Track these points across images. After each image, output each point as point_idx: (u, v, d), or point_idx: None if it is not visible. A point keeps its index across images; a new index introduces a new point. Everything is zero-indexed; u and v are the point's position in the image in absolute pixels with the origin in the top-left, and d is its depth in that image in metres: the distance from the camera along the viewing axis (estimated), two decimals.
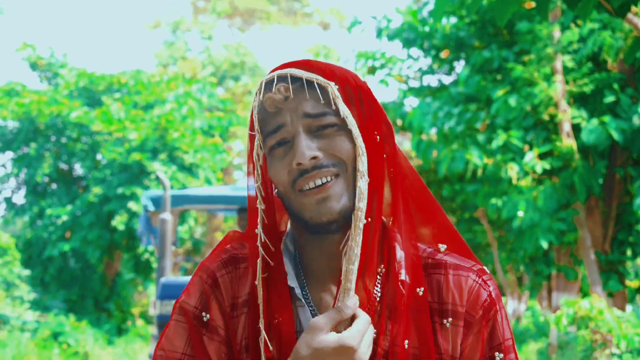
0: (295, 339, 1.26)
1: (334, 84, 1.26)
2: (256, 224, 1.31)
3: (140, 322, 16.73)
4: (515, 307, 20.03)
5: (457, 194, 13.70)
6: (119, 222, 14.88)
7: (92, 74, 17.17)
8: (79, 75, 17.11)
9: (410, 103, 13.85)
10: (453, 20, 12.43)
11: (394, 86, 14.67)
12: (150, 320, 16.67)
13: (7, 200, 16.73)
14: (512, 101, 10.53)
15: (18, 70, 73.81)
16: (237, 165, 27.48)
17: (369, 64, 13.15)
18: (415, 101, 13.87)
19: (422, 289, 1.28)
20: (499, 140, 10.56)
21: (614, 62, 10.62)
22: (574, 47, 10.92)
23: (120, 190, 14.98)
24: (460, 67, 13.00)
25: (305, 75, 1.26)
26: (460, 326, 1.28)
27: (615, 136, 9.90)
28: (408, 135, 18.99)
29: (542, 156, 10.78)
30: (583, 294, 14.52)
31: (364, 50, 13.19)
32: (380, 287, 1.28)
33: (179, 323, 1.32)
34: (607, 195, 11.20)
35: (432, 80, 13.83)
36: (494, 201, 10.85)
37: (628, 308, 12.66)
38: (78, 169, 16.95)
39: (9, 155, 16.68)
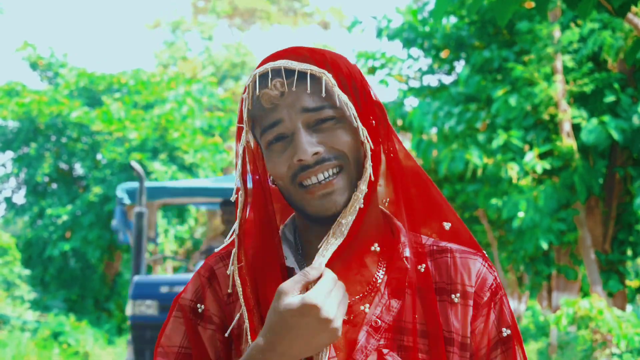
0: None
1: (328, 73, 1.26)
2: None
3: None
4: (516, 307, 20.03)
5: (458, 194, 13.70)
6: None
7: (92, 74, 17.17)
8: (79, 75, 17.11)
9: (410, 103, 13.86)
10: (453, 20, 12.43)
11: (394, 86, 14.68)
12: None
13: (8, 200, 16.73)
14: (512, 101, 10.53)
15: (18, 70, 73.83)
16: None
17: (369, 64, 13.15)
18: (415, 101, 13.86)
19: (423, 265, 1.29)
20: (499, 140, 10.56)
21: (614, 62, 10.62)
22: (574, 47, 10.91)
23: None
24: (461, 67, 13.00)
25: (300, 67, 1.25)
26: (469, 305, 1.29)
27: (616, 136, 9.90)
28: (408, 135, 18.99)
29: (542, 156, 10.78)
30: (583, 293, 14.52)
31: (364, 50, 13.19)
32: (384, 266, 1.29)
33: (177, 319, 1.35)
34: (607, 195, 11.19)
35: (432, 80, 13.84)
36: (494, 201, 10.85)
37: (628, 308, 12.65)
38: (78, 169, 16.95)
39: (9, 155, 16.68)
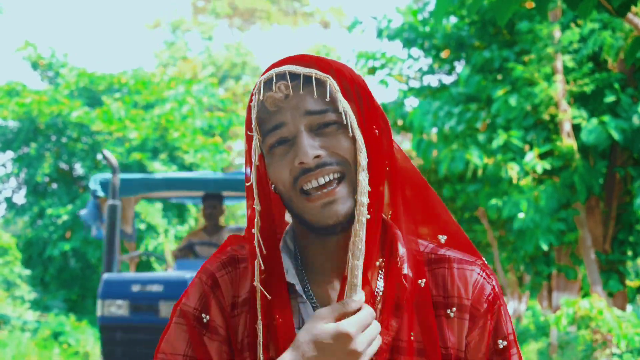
0: (294, 337, 1.26)
1: (332, 79, 1.26)
2: (253, 224, 1.31)
3: None
4: (516, 307, 20.03)
5: (458, 194, 13.69)
6: None
7: (92, 74, 17.18)
8: (80, 75, 17.11)
9: (410, 103, 13.85)
10: (454, 20, 12.43)
11: (394, 86, 14.68)
12: None
13: (8, 200, 16.73)
14: (513, 101, 10.53)
15: (19, 70, 73.83)
16: (238, 165, 27.49)
17: (369, 64, 13.15)
18: (415, 101, 13.86)
19: (423, 280, 1.29)
20: (500, 140, 10.56)
21: (615, 62, 10.61)
22: (574, 47, 10.91)
23: None
24: (461, 67, 13.00)
25: (304, 71, 1.25)
26: (465, 319, 1.29)
27: (616, 136, 9.90)
28: (408, 136, 19.00)
29: (543, 156, 10.78)
30: (583, 293, 14.52)
31: (365, 50, 13.19)
32: (382, 281, 1.28)
33: (179, 325, 1.32)
34: (608, 195, 11.19)
35: (432, 80, 13.83)
36: (494, 201, 10.85)
37: (628, 308, 12.66)
38: (78, 169, 16.95)
39: (9, 155, 16.68)
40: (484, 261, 1.34)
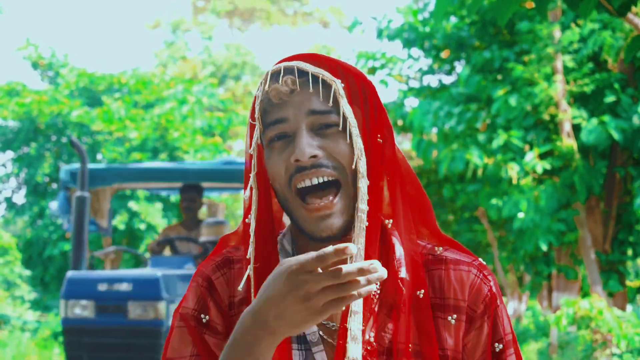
0: (290, 339, 1.26)
1: (340, 82, 1.25)
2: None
3: None
4: (516, 307, 20.02)
5: (458, 194, 13.69)
6: (119, 221, 14.88)
7: (92, 74, 17.18)
8: (80, 75, 17.12)
9: (410, 103, 13.85)
10: (453, 20, 12.43)
11: (394, 86, 14.69)
12: None
13: (8, 200, 16.73)
14: (513, 101, 10.53)
15: (19, 70, 73.87)
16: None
17: (369, 64, 13.14)
18: (415, 101, 13.85)
19: (422, 291, 1.28)
20: (500, 140, 10.56)
21: (615, 62, 10.62)
22: (574, 47, 10.91)
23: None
24: (461, 67, 13.00)
25: (313, 70, 1.25)
26: (462, 321, 1.28)
27: (616, 136, 9.90)
28: (408, 136, 18.99)
29: (543, 156, 10.78)
30: (583, 293, 14.52)
31: (364, 50, 13.18)
32: (378, 284, 1.27)
33: (181, 329, 1.32)
34: (608, 195, 11.19)
35: (432, 81, 13.83)
36: (494, 201, 10.85)
37: (628, 308, 12.65)
38: None
39: (9, 155, 16.68)
40: (481, 262, 1.34)
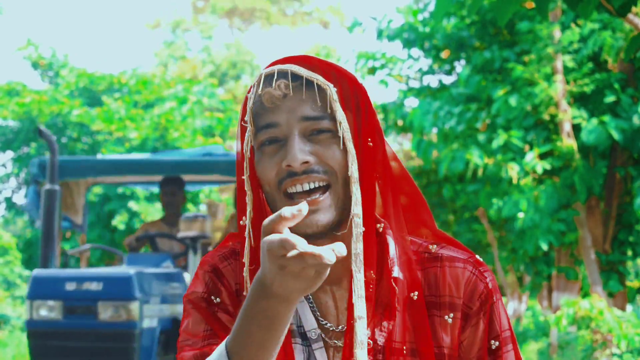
0: (291, 333, 1.27)
1: (333, 87, 1.25)
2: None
3: None
4: (516, 307, 20.02)
5: (458, 194, 13.69)
6: (119, 221, 14.88)
7: (92, 74, 17.19)
8: (80, 75, 17.13)
9: (410, 103, 13.85)
10: (454, 20, 12.43)
11: (394, 86, 14.69)
12: None
13: (8, 200, 16.74)
14: (513, 101, 10.53)
15: (19, 70, 73.88)
16: None
17: (369, 64, 13.14)
18: (415, 101, 13.84)
19: (415, 293, 1.28)
20: (500, 140, 10.56)
21: (615, 62, 10.61)
22: (574, 47, 10.91)
23: (120, 190, 14.98)
24: (461, 67, 13.00)
25: (306, 74, 1.24)
26: (458, 318, 1.28)
27: (616, 136, 9.90)
28: (408, 136, 18.99)
29: (543, 156, 10.78)
30: (583, 294, 14.52)
31: (364, 50, 13.18)
32: (373, 284, 1.27)
33: (192, 310, 1.32)
34: (608, 195, 11.19)
35: (432, 81, 13.82)
36: (494, 201, 10.85)
37: (628, 308, 12.67)
38: None
39: (10, 154, 16.68)
40: (478, 258, 1.33)
